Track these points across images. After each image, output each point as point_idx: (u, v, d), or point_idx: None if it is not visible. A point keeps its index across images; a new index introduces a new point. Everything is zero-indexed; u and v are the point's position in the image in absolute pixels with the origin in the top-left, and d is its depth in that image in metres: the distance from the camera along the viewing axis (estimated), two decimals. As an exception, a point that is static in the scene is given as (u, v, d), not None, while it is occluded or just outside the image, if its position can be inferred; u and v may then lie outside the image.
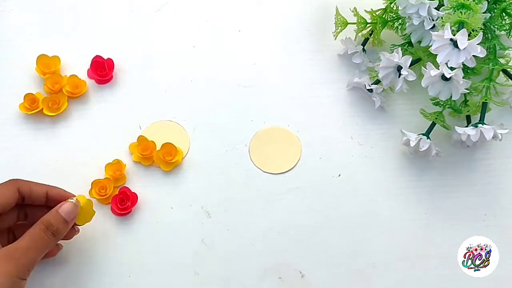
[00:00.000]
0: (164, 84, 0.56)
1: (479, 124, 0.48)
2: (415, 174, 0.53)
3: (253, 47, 0.57)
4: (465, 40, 0.44)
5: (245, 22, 0.58)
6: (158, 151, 0.52)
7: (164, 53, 0.57)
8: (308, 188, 0.52)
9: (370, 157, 0.53)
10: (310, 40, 0.57)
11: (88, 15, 0.59)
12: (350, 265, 0.50)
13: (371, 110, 0.54)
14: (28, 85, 0.55)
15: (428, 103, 0.51)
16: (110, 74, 0.55)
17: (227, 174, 0.53)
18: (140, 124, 0.54)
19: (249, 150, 0.54)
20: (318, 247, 0.51)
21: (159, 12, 0.59)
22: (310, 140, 0.54)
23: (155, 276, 0.50)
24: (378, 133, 0.54)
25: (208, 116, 0.55)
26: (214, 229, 0.51)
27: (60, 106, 0.54)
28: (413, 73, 0.48)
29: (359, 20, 0.54)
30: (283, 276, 0.50)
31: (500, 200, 0.52)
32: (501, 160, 0.53)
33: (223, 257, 0.50)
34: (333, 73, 0.56)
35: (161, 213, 0.52)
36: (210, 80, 0.56)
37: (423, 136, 0.50)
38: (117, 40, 0.57)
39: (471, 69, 0.49)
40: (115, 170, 0.52)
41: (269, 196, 0.52)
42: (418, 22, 0.49)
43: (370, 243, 0.51)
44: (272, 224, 0.51)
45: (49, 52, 0.55)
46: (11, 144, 0.54)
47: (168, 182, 0.53)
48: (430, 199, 0.52)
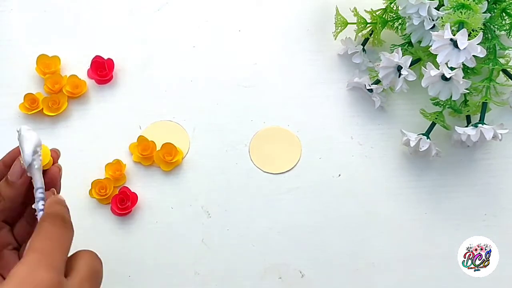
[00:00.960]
0: (164, 84, 0.56)
1: (479, 124, 0.48)
2: (415, 174, 0.53)
3: (253, 47, 0.57)
4: (465, 40, 0.44)
5: (245, 22, 0.58)
6: (158, 151, 0.52)
7: (164, 53, 0.57)
8: (308, 188, 0.52)
9: (370, 157, 0.53)
10: (310, 40, 0.57)
11: (88, 15, 0.59)
12: (350, 265, 0.50)
13: (371, 110, 0.54)
14: (28, 85, 0.55)
15: (428, 103, 0.51)
16: (110, 74, 0.55)
17: (227, 174, 0.53)
18: (140, 124, 0.54)
19: (249, 150, 0.54)
20: (318, 247, 0.51)
21: (159, 12, 0.59)
22: (310, 140, 0.54)
23: (155, 276, 0.50)
24: (378, 133, 0.54)
25: (208, 116, 0.55)
26: (214, 229, 0.51)
27: (60, 106, 0.54)
28: (413, 73, 0.48)
29: (359, 20, 0.54)
30: (283, 276, 0.50)
31: (500, 200, 0.52)
32: (501, 160, 0.53)
33: (223, 257, 0.50)
34: (333, 73, 0.56)
35: (161, 213, 0.52)
36: (210, 80, 0.56)
37: (423, 136, 0.50)
38: (117, 40, 0.57)
39: (471, 69, 0.49)
40: (115, 170, 0.52)
41: (269, 196, 0.52)
42: (418, 22, 0.49)
43: (370, 243, 0.51)
44: (272, 224, 0.51)
45: (49, 52, 0.55)
46: (11, 144, 0.54)
47: (168, 182, 0.53)
48: (430, 199, 0.52)
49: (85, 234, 0.50)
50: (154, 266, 0.50)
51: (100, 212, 0.51)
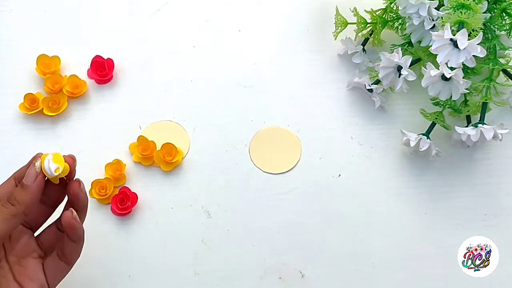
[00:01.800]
0: (164, 84, 0.56)
1: (479, 124, 0.48)
2: (415, 174, 0.53)
3: (253, 47, 0.57)
4: (465, 40, 0.44)
5: (245, 22, 0.58)
6: (158, 151, 0.52)
7: (164, 53, 0.57)
8: (308, 188, 0.52)
9: (370, 157, 0.53)
10: (310, 40, 0.57)
11: (88, 15, 0.59)
12: (350, 265, 0.50)
13: (371, 110, 0.54)
14: (28, 85, 0.55)
15: (428, 103, 0.51)
16: (110, 74, 0.55)
17: (227, 174, 0.53)
18: (140, 124, 0.54)
19: (249, 150, 0.54)
20: (318, 247, 0.51)
21: (159, 12, 0.59)
22: (310, 140, 0.54)
23: (155, 276, 0.50)
24: (378, 133, 0.54)
25: (208, 116, 0.55)
26: (214, 229, 0.51)
27: (60, 106, 0.54)
28: (413, 73, 0.48)
29: (359, 20, 0.54)
30: (283, 276, 0.50)
31: (500, 200, 0.52)
32: (501, 160, 0.53)
33: (223, 257, 0.50)
34: (333, 73, 0.56)
35: (161, 213, 0.52)
36: (210, 80, 0.56)
37: (423, 136, 0.50)
38: (117, 40, 0.57)
39: (471, 69, 0.49)
40: (115, 170, 0.52)
41: (269, 196, 0.52)
42: (418, 22, 0.49)
43: (370, 243, 0.51)
44: (272, 224, 0.51)
45: (49, 52, 0.55)
46: (11, 144, 0.54)
47: (168, 182, 0.53)
48: (430, 199, 0.52)
49: (85, 234, 0.49)
50: (154, 266, 0.50)
51: (100, 212, 0.51)
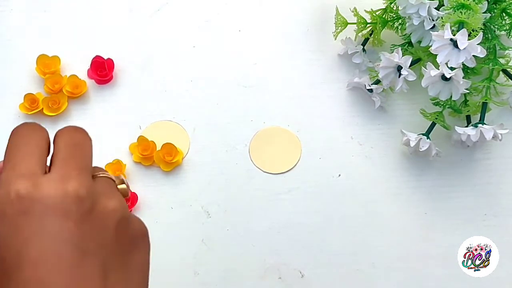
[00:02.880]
0: (164, 84, 0.56)
1: (479, 124, 0.48)
2: (415, 174, 0.53)
3: (253, 47, 0.57)
4: (465, 40, 0.44)
5: (245, 22, 0.58)
6: (158, 151, 0.52)
7: (164, 53, 0.57)
8: (308, 188, 0.52)
9: (370, 157, 0.53)
10: (310, 40, 0.57)
11: (88, 15, 0.59)
12: (350, 265, 0.50)
13: (371, 110, 0.54)
14: (28, 85, 0.55)
15: (428, 103, 0.51)
16: (110, 74, 0.55)
17: (227, 174, 0.53)
18: (140, 124, 0.54)
19: (249, 150, 0.54)
20: (318, 247, 0.51)
21: (159, 12, 0.59)
22: (310, 140, 0.54)
23: (155, 276, 0.50)
24: (378, 133, 0.54)
25: (208, 116, 0.55)
26: (214, 229, 0.51)
27: (60, 106, 0.54)
28: (413, 73, 0.48)
29: (359, 20, 0.54)
30: (283, 276, 0.50)
31: (500, 200, 0.52)
32: (501, 160, 0.53)
33: (223, 257, 0.50)
34: (333, 73, 0.56)
35: (161, 213, 0.52)
36: (210, 80, 0.56)
37: (423, 136, 0.50)
38: (117, 40, 0.57)
39: (471, 69, 0.49)
40: (115, 170, 0.52)
41: (269, 196, 0.52)
42: (418, 22, 0.49)
43: (370, 243, 0.51)
44: (272, 224, 0.51)
45: (49, 52, 0.55)
46: (11, 144, 0.54)
47: (168, 182, 0.53)
48: (430, 199, 0.52)
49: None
50: (154, 266, 0.50)
51: (100, 212, 0.51)
